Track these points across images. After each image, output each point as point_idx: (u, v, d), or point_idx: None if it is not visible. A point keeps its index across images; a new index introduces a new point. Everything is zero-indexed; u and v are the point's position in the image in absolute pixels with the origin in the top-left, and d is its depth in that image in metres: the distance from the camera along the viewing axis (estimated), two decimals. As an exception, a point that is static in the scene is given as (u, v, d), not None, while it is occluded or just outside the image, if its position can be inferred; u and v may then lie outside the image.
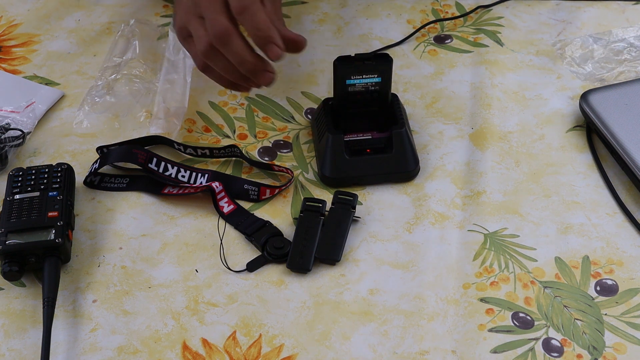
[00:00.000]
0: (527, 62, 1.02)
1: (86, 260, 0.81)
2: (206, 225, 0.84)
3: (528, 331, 0.75)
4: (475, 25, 1.07)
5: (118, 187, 0.88)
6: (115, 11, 1.11)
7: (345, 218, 0.83)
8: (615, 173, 0.89)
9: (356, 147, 0.87)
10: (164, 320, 0.76)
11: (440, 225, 0.84)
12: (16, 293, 0.79)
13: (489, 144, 0.92)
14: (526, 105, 0.96)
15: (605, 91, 0.92)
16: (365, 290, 0.78)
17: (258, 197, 0.86)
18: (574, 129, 0.94)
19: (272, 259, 0.80)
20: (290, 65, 1.02)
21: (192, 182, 0.88)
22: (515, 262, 0.80)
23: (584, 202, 0.86)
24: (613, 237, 0.83)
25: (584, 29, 1.06)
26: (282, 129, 0.94)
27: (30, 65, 1.03)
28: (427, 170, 0.89)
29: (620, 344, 0.74)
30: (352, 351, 0.74)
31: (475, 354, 0.73)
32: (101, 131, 0.94)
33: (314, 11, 1.10)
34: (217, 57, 0.80)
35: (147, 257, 0.81)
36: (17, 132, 0.91)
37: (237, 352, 0.74)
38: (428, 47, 1.04)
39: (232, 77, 0.83)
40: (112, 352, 0.74)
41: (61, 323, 0.76)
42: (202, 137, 0.93)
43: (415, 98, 0.97)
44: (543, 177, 0.88)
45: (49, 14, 1.10)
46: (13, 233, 0.78)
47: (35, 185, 0.83)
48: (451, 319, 0.76)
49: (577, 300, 0.77)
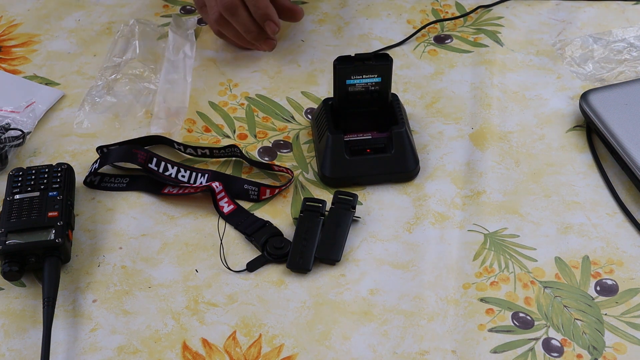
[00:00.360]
0: (527, 62, 1.02)
1: (86, 260, 0.81)
2: (206, 225, 0.84)
3: (528, 331, 0.75)
4: (475, 25, 1.07)
5: (118, 187, 0.88)
6: (115, 11, 1.11)
7: (345, 218, 0.83)
8: (615, 173, 0.89)
9: (356, 147, 0.87)
10: (164, 320, 0.76)
11: (440, 225, 0.84)
12: (16, 293, 0.79)
13: (489, 144, 0.92)
14: (526, 105, 0.96)
15: (605, 91, 0.92)
16: (365, 290, 0.78)
17: (258, 197, 0.86)
18: (574, 129, 0.94)
19: (272, 259, 0.80)
20: (290, 65, 1.02)
21: (192, 182, 0.88)
22: (515, 262, 0.80)
23: (584, 202, 0.86)
24: (613, 237, 0.83)
25: (584, 29, 1.06)
26: (282, 129, 0.94)
27: (30, 65, 1.03)
28: (427, 170, 0.89)
29: (620, 344, 0.74)
30: (352, 351, 0.74)
31: (475, 354, 0.73)
32: (101, 131, 0.94)
33: (314, 11, 1.10)
34: (228, 25, 0.97)
35: (147, 257, 0.81)
36: (17, 132, 0.91)
37: (237, 352, 0.74)
38: (428, 47, 1.04)
39: (241, 42, 1.00)
40: (112, 352, 0.74)
41: (61, 323, 0.76)
42: (202, 137, 0.93)
43: (415, 98, 0.97)
44: (543, 177, 0.88)
45: (49, 14, 1.10)
46: (13, 233, 0.78)
47: (35, 185, 0.83)
48: (451, 319, 0.76)
49: (577, 300, 0.77)
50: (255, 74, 1.01)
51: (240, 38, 0.99)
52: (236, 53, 1.03)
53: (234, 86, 0.99)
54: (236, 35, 0.99)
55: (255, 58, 1.03)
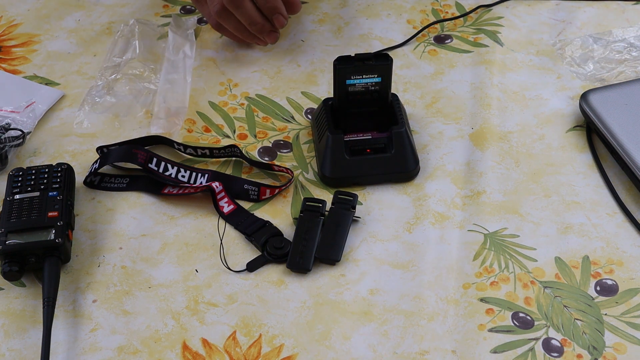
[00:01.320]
0: (527, 62, 1.02)
1: (86, 260, 0.81)
2: (206, 225, 0.84)
3: (528, 331, 0.75)
4: (475, 25, 1.07)
5: (118, 187, 0.88)
6: (115, 11, 1.11)
7: (345, 218, 0.83)
8: (615, 173, 0.89)
9: (356, 147, 0.87)
10: (164, 320, 0.76)
11: (440, 225, 0.84)
12: (16, 293, 0.79)
13: (489, 144, 0.92)
14: (526, 105, 0.96)
15: (605, 91, 0.92)
16: (365, 290, 0.78)
17: (258, 197, 0.86)
18: (574, 129, 0.94)
19: (272, 259, 0.80)
20: (290, 65, 1.02)
21: (192, 182, 0.88)
22: (515, 262, 0.80)
23: (584, 202, 0.86)
24: (613, 237, 0.83)
25: (584, 29, 1.06)
26: (282, 129, 0.94)
27: (30, 65, 1.03)
28: (427, 170, 0.89)
29: (620, 344, 0.74)
30: (352, 351, 0.74)
31: (475, 354, 0.73)
32: (101, 131, 0.94)
33: (314, 11, 1.10)
34: (230, 17, 0.96)
35: (147, 257, 0.81)
36: (17, 132, 0.91)
37: (237, 352, 0.74)
38: (428, 47, 1.04)
39: (242, 35, 0.98)
40: (112, 352, 0.74)
41: (61, 323, 0.76)
42: (202, 137, 0.93)
43: (415, 98, 0.97)
44: (543, 177, 0.88)
45: (49, 14, 1.10)
46: (13, 233, 0.78)
47: (35, 185, 0.83)
48: (451, 319, 0.76)
49: (577, 300, 0.77)
50: (255, 74, 1.01)
51: (241, 31, 0.98)
52: (236, 53, 1.04)
53: (234, 86, 0.99)
54: (237, 28, 0.97)
55: (255, 58, 1.03)
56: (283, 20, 0.96)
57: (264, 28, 0.97)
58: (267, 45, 1.01)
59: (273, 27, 0.97)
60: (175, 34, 1.00)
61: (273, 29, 0.98)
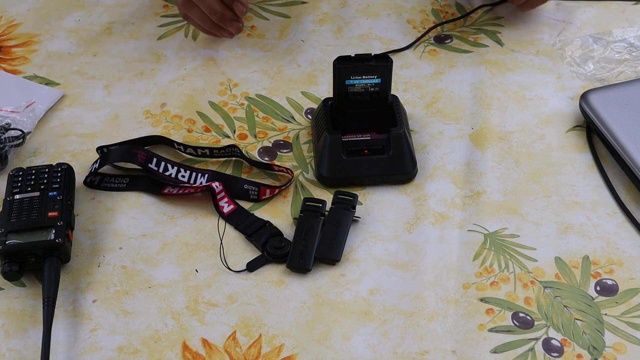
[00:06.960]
0: (527, 62, 1.02)
1: (86, 260, 0.81)
2: (206, 225, 0.84)
3: (528, 331, 0.75)
4: (476, 25, 1.07)
5: (118, 187, 0.88)
6: (115, 11, 1.11)
7: (345, 218, 0.83)
8: (615, 173, 0.89)
9: (354, 147, 0.87)
10: (164, 320, 0.76)
11: (440, 225, 0.84)
12: (16, 293, 0.79)
13: (489, 144, 0.92)
14: (526, 105, 0.96)
15: (605, 91, 0.92)
16: (365, 290, 0.78)
17: (258, 197, 0.86)
18: (574, 129, 0.94)
19: (272, 259, 0.80)
20: (290, 65, 1.02)
21: (192, 182, 0.88)
22: (515, 262, 0.80)
23: (584, 202, 0.86)
24: (613, 237, 0.83)
25: (584, 29, 1.06)
26: (282, 129, 0.94)
27: (30, 65, 1.03)
28: (427, 170, 0.89)
29: (620, 344, 0.74)
30: (352, 351, 0.74)
31: (475, 354, 0.73)
32: (101, 131, 0.94)
33: (314, 11, 1.10)
34: (193, 8, 0.97)
35: (147, 257, 0.81)
36: (17, 132, 0.91)
37: (237, 352, 0.74)
38: (428, 47, 1.04)
39: (206, 26, 0.99)
40: (112, 352, 0.74)
41: (61, 323, 0.76)
42: (202, 137, 0.93)
43: (415, 98, 0.97)
44: (543, 177, 0.88)
45: (49, 14, 1.10)
46: (13, 233, 0.78)
47: (35, 185, 0.83)
48: (451, 319, 0.76)
49: (577, 300, 0.77)
50: (255, 74, 1.01)
51: (205, 20, 0.98)
52: (236, 53, 1.04)
53: (234, 86, 0.99)
54: (201, 18, 0.98)
55: (255, 58, 1.03)
56: (242, 7, 0.96)
57: (224, 17, 0.97)
58: (232, 37, 1.01)
59: (234, 15, 0.97)
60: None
61: (234, 17, 0.97)
